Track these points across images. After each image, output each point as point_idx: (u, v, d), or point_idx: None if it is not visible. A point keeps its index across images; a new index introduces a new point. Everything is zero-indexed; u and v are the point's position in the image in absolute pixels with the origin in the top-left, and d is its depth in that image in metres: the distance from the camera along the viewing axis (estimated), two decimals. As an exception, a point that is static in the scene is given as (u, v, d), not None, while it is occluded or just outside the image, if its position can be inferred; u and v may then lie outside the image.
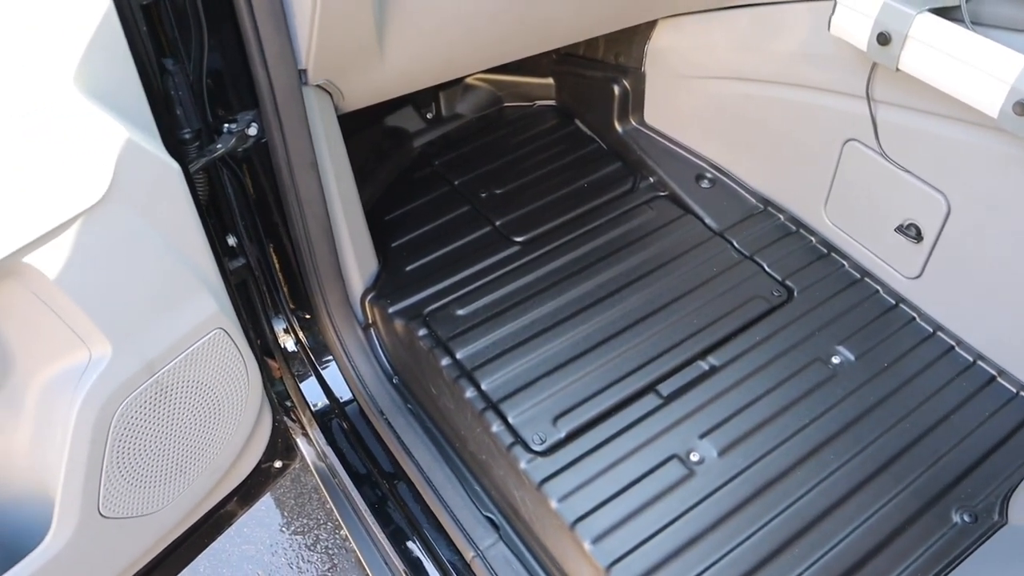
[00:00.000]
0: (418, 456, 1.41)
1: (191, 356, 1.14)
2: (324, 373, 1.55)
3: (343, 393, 1.54)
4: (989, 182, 1.23)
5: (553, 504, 1.20)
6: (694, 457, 1.26)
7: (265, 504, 2.13)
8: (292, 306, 1.53)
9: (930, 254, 1.37)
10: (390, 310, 1.49)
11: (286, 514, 2.11)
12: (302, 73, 1.20)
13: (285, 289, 1.51)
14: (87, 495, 1.10)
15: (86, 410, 1.04)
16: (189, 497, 1.29)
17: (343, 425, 1.53)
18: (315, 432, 1.57)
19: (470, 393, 1.35)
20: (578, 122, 1.88)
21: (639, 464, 1.25)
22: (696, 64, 1.60)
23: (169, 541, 1.33)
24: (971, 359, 1.36)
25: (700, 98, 1.64)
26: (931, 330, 1.41)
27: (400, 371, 1.52)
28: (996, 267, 1.28)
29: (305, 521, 2.09)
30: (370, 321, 1.54)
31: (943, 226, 1.33)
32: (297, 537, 2.06)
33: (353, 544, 1.51)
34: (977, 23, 1.14)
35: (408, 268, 1.57)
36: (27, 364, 1.02)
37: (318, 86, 1.26)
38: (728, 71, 1.55)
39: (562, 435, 1.28)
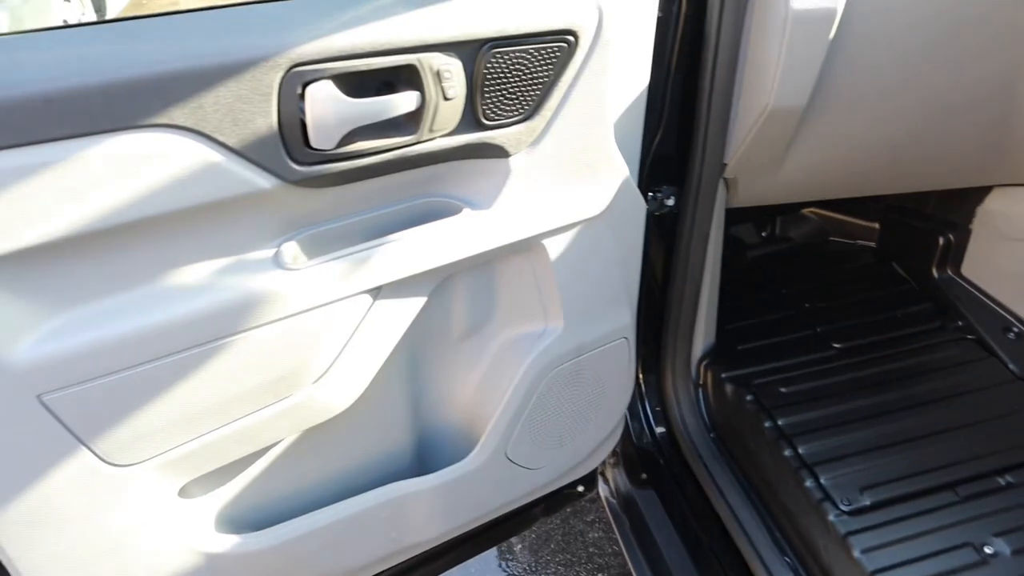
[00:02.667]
0: (730, 498, 1.69)
1: (604, 352, 1.51)
2: (651, 414, 1.88)
3: (664, 436, 1.86)
4: None
5: (856, 553, 1.44)
6: (988, 550, 1.45)
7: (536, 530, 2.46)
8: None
9: None
10: (723, 375, 1.82)
11: (552, 545, 2.42)
12: (723, 166, 1.59)
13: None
14: (504, 436, 1.47)
15: (531, 370, 1.42)
16: (549, 472, 1.64)
17: (661, 463, 1.84)
18: (619, 470, 1.90)
19: (788, 452, 1.63)
20: (895, 264, 2.17)
21: (935, 542, 1.47)
22: (1020, 228, 1.86)
23: (521, 504, 1.67)
24: None
25: (1020, 261, 1.88)
26: None
27: (718, 427, 1.82)
28: None
29: (569, 556, 2.39)
30: (701, 382, 1.87)
31: None
32: (560, 568, 2.35)
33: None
34: None
35: (740, 347, 1.90)
36: (502, 320, 1.43)
37: (725, 178, 1.65)
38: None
39: (867, 503, 1.52)
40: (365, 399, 1.32)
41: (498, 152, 1.18)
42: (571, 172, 1.26)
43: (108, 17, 1.88)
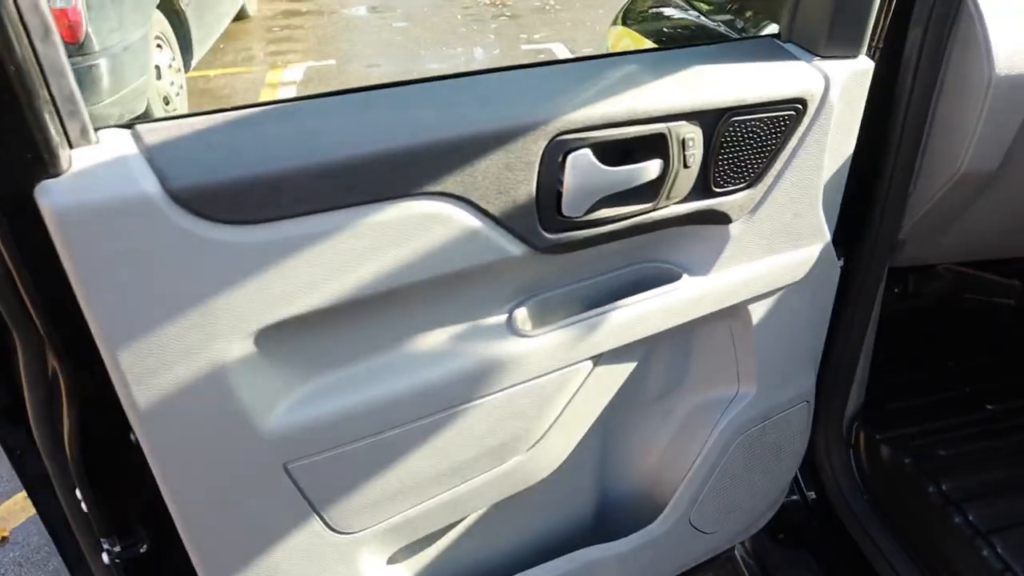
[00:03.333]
0: (893, 561, 1.64)
1: (788, 416, 1.50)
2: (800, 476, 1.85)
3: (815, 499, 1.83)
4: None
5: None
6: None
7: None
8: None
9: None
10: (877, 437, 1.79)
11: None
12: (899, 228, 1.56)
13: None
14: (691, 502, 1.45)
15: (723, 435, 1.41)
16: (721, 537, 1.61)
17: (813, 524, 1.80)
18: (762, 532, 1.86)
19: (958, 519, 1.59)
20: None
21: None
22: None
23: (690, 567, 1.64)
24: None
25: None
26: None
27: (873, 490, 1.78)
28: None
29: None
30: (853, 443, 1.84)
31: None
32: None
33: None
34: None
35: (890, 407, 1.87)
36: (694, 383, 1.42)
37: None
38: None
39: None
40: (561, 464, 1.31)
41: (721, 218, 1.18)
42: (782, 238, 1.26)
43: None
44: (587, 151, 0.99)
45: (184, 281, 0.83)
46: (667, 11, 2.29)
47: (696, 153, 1.08)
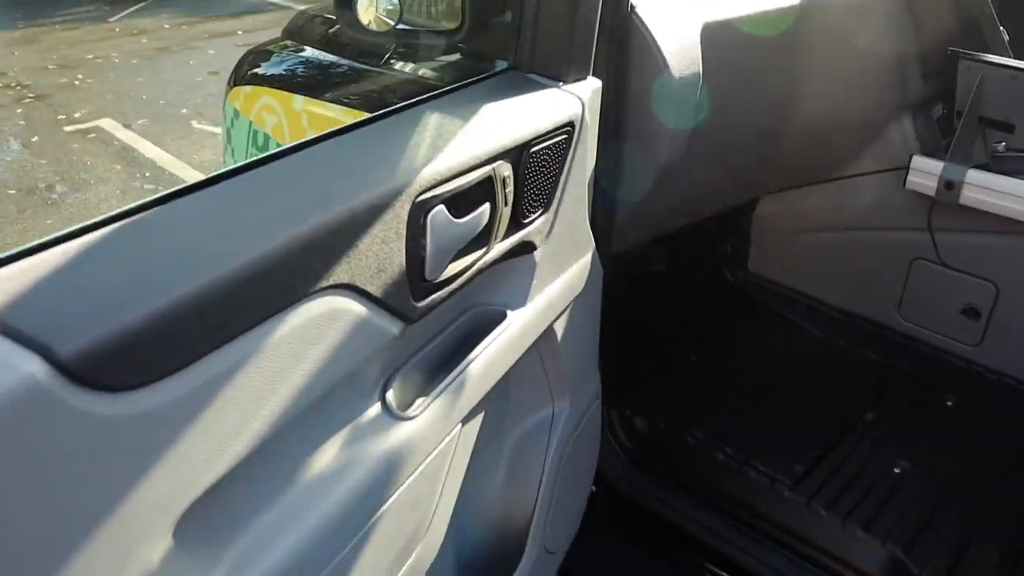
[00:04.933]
0: (682, 509, 1.84)
1: (592, 416, 1.58)
2: None
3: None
4: (1020, 265, 1.95)
5: (822, 511, 1.69)
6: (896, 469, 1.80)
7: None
8: None
9: (987, 325, 2.06)
10: (628, 412, 1.98)
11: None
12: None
13: None
14: (542, 528, 1.47)
15: (556, 453, 1.45)
16: (561, 553, 1.64)
17: (604, 508, 1.94)
18: None
19: (722, 456, 1.84)
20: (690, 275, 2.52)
21: (854, 467, 1.78)
22: (791, 223, 2.30)
23: None
24: (1016, 384, 2.03)
25: (795, 248, 2.32)
26: (994, 377, 2.07)
27: (642, 459, 1.96)
28: None
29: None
30: (610, 423, 2.01)
31: (995, 304, 2.02)
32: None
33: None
34: (1007, 174, 1.90)
35: (622, 381, 2.08)
36: (515, 415, 1.44)
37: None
38: (816, 226, 2.26)
39: (801, 470, 1.79)
40: (444, 537, 1.24)
41: (528, 248, 1.21)
42: (569, 253, 1.33)
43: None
44: (442, 207, 0.96)
45: (94, 477, 0.64)
46: (307, 58, 2.24)
47: (510, 190, 1.10)
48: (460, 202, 1.01)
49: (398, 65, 2.05)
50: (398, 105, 1.07)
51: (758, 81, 1.75)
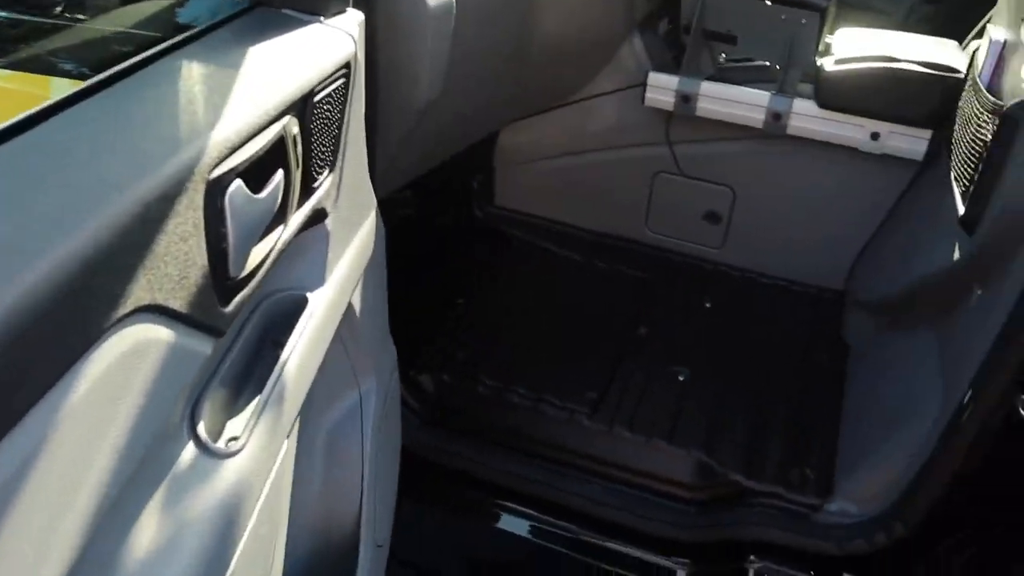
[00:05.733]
0: (490, 463, 1.75)
1: (393, 386, 1.41)
2: None
3: None
4: (755, 168, 2.08)
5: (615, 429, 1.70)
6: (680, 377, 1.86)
7: None
8: None
9: (728, 227, 2.18)
10: (411, 372, 1.83)
11: None
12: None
13: None
14: (370, 525, 1.29)
15: (374, 438, 1.27)
16: (386, 544, 1.47)
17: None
18: None
19: (516, 398, 1.77)
20: (442, 217, 2.39)
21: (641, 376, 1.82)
22: (534, 152, 2.26)
23: None
24: (757, 276, 2.19)
25: (540, 176, 2.29)
26: (740, 275, 2.21)
27: (442, 421, 1.83)
28: (768, 219, 2.13)
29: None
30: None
31: (732, 207, 2.15)
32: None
33: None
34: (734, 83, 1.99)
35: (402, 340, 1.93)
36: (319, 406, 1.23)
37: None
38: (559, 151, 2.24)
39: (595, 395, 1.78)
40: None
41: (320, 216, 1.01)
42: (357, 215, 1.15)
43: None
44: (239, 183, 0.73)
45: None
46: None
47: (300, 149, 0.89)
48: (255, 173, 0.78)
49: (79, 15, 1.66)
50: (132, 61, 0.79)
51: (502, 5, 1.65)
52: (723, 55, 2.11)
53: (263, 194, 0.78)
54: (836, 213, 2.07)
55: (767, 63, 2.03)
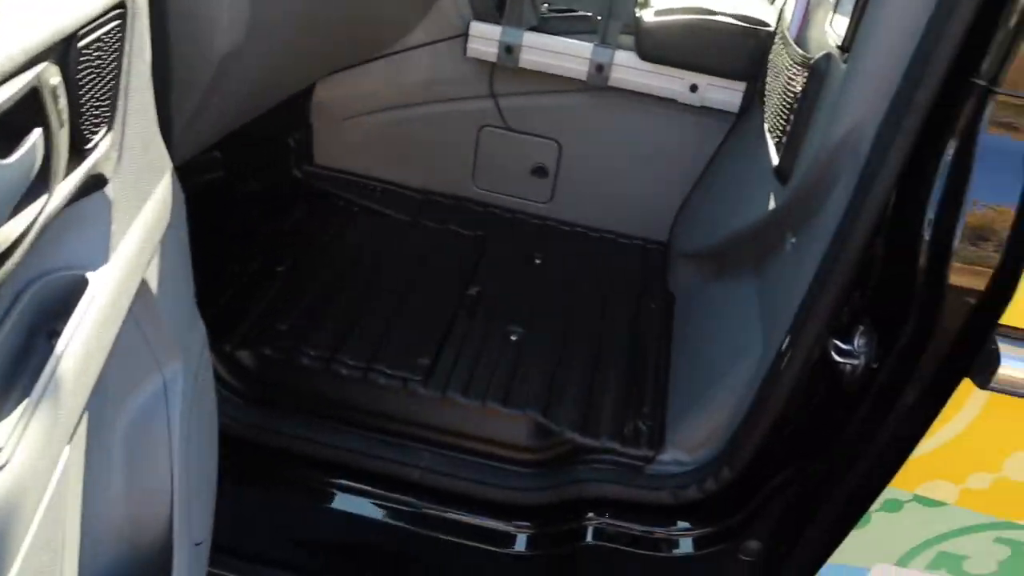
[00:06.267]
0: (305, 433, 1.65)
1: (204, 358, 1.28)
2: None
3: None
4: (580, 121, 2.06)
5: (454, 395, 1.64)
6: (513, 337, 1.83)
7: None
8: None
9: (555, 182, 2.16)
10: (227, 348, 1.69)
11: None
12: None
13: None
14: (184, 523, 1.17)
15: (181, 429, 1.14)
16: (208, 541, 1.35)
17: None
18: None
19: (345, 370, 1.67)
20: (254, 181, 2.22)
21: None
22: (354, 107, 2.13)
23: None
24: (586, 232, 2.20)
25: (361, 132, 2.17)
26: (568, 229, 2.20)
27: (265, 398, 1.70)
28: (594, 172, 2.12)
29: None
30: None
31: (559, 160, 2.12)
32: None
33: None
34: (556, 34, 1.95)
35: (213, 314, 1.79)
36: (116, 396, 1.09)
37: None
38: (380, 105, 2.13)
39: (427, 362, 1.71)
40: None
41: (98, 183, 0.87)
42: (148, 179, 1.01)
43: None
44: None
45: None
46: None
47: (64, 105, 0.76)
48: (1, 133, 0.65)
49: None
50: None
51: None
52: (546, 4, 2.07)
53: (12, 159, 0.65)
54: (660, 165, 2.09)
55: (589, 13, 2.00)
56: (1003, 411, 1.10)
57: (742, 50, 1.81)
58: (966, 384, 1.08)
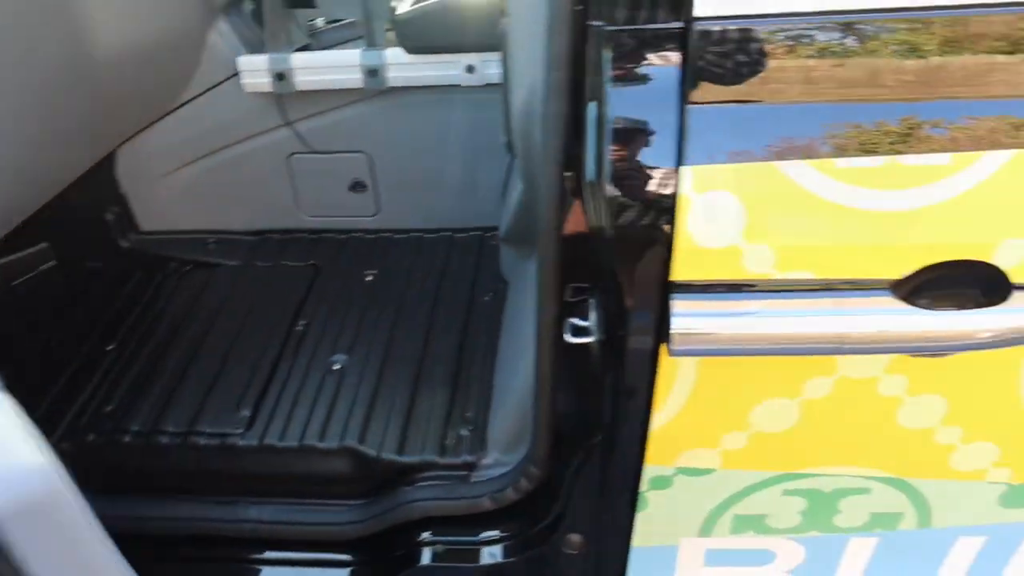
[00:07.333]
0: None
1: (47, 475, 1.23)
2: None
3: None
4: (381, 128, 2.00)
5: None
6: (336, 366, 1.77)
7: None
8: None
9: (376, 193, 2.10)
10: (59, 444, 1.66)
11: None
12: None
13: None
14: None
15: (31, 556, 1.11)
16: None
17: None
18: None
19: (166, 440, 1.63)
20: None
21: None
22: (163, 165, 2.09)
23: None
24: (421, 235, 2.14)
25: (179, 188, 2.13)
26: (404, 236, 2.14)
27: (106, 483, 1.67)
28: (411, 174, 2.06)
29: None
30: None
31: (372, 171, 2.07)
32: None
33: None
34: (332, 46, 1.89)
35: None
36: None
37: None
38: (189, 157, 2.08)
39: (247, 412, 1.66)
40: None
41: None
42: None
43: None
44: None
45: None
46: None
47: None
48: None
49: None
50: None
51: (39, 24, 1.47)
52: (320, 19, 2.01)
53: None
54: (470, 151, 2.02)
55: (353, 19, 1.94)
56: (716, 371, 1.03)
57: (482, 22, 1.74)
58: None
